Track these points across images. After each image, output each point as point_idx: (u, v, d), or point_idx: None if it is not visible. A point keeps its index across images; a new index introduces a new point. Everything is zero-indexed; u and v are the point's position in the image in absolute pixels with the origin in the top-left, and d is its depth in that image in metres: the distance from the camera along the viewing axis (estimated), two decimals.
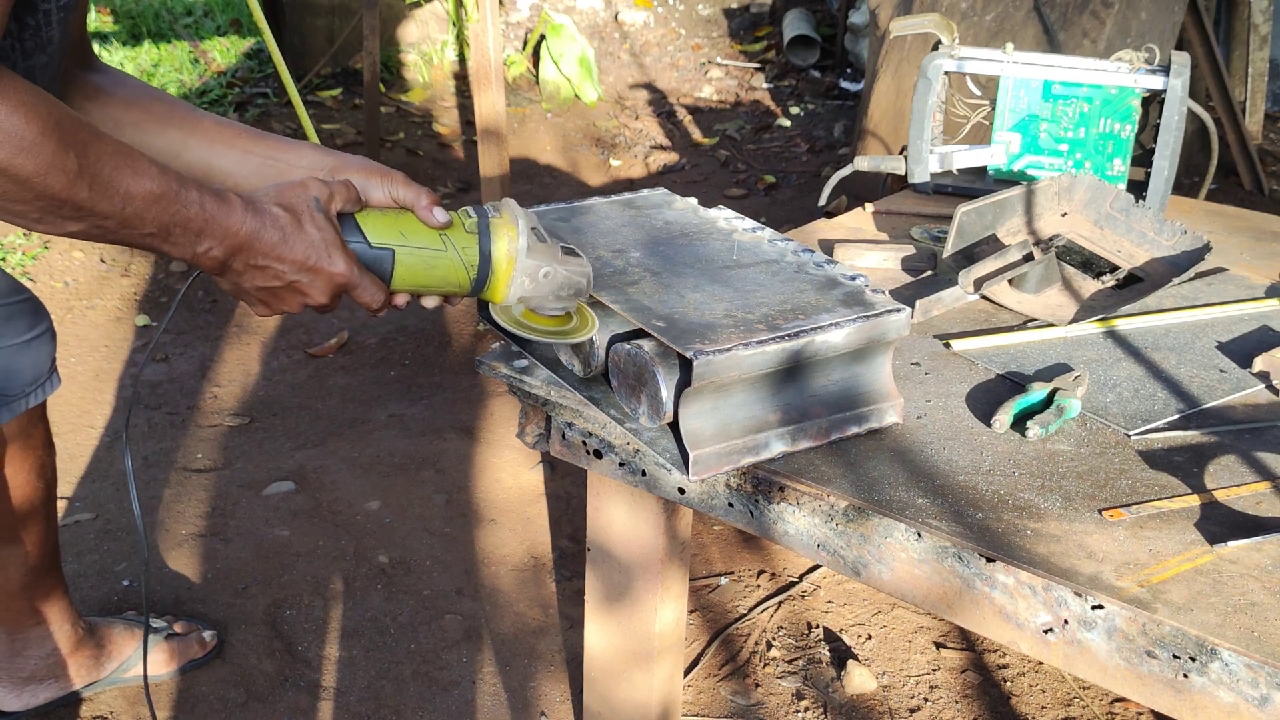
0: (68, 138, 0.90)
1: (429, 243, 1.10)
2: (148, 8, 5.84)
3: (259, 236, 1.02)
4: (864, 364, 1.21)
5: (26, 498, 1.68)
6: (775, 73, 5.74)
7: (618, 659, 1.56)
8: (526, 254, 1.11)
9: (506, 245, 1.10)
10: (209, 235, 1.00)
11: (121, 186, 0.94)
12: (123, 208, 0.95)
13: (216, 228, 1.00)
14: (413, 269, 1.10)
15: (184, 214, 0.98)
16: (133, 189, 0.95)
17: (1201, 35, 3.89)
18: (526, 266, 1.11)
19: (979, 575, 1.05)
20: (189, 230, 0.99)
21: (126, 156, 0.95)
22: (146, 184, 0.95)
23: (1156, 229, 1.68)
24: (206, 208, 0.99)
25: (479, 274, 1.11)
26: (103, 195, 0.93)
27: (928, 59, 1.95)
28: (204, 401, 2.86)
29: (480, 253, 1.10)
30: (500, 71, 3.31)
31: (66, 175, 0.90)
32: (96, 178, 0.93)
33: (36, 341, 1.59)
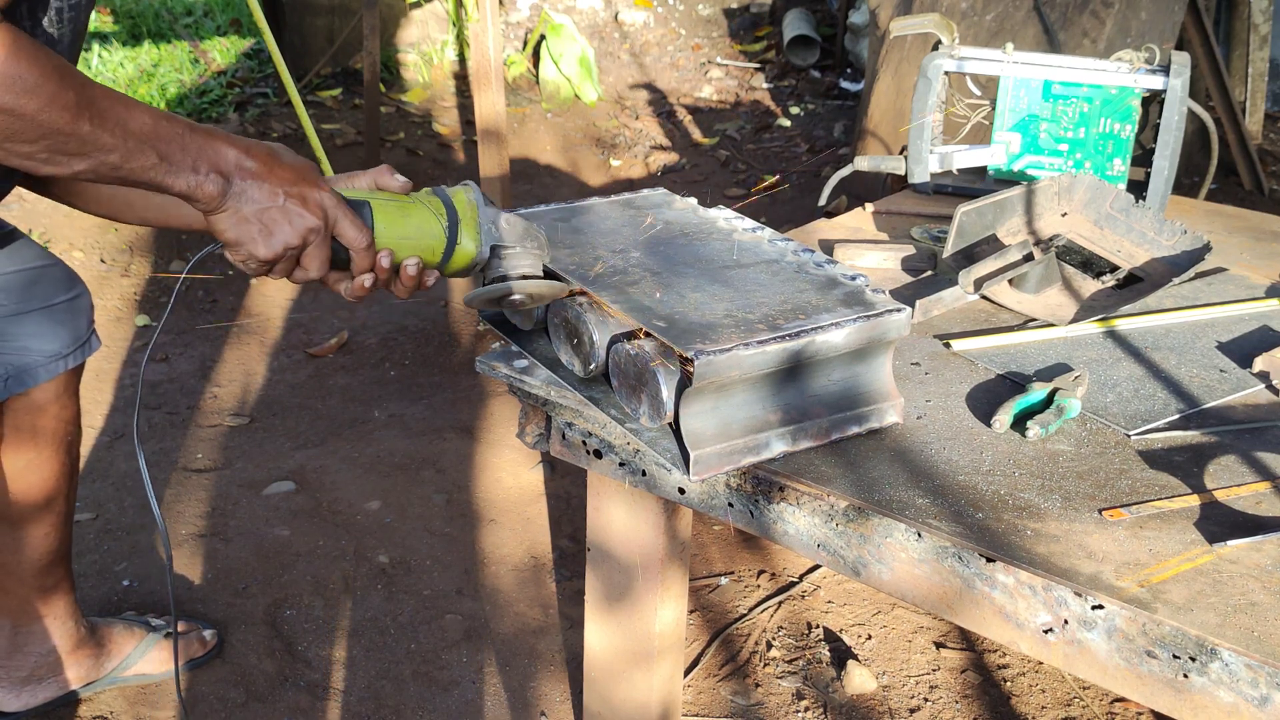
0: (66, 79, 0.99)
1: (398, 198, 1.20)
2: (148, 8, 5.84)
3: (250, 153, 1.10)
4: (864, 364, 1.21)
5: (53, 474, 1.69)
6: (775, 73, 5.74)
7: (618, 659, 1.56)
8: (484, 206, 1.21)
9: (466, 196, 1.21)
10: (204, 160, 1.08)
11: (119, 117, 1.02)
12: (124, 139, 1.03)
13: (210, 152, 1.08)
14: (389, 215, 1.18)
15: (181, 140, 1.06)
16: (130, 120, 1.03)
17: (1201, 35, 3.89)
18: (488, 214, 1.21)
19: (979, 575, 1.05)
20: (187, 155, 1.06)
21: (120, 96, 1.04)
22: (142, 115, 1.04)
23: (1156, 229, 1.68)
24: (198, 135, 1.08)
25: (449, 219, 1.19)
26: (103, 127, 1.01)
27: (928, 59, 1.95)
28: (204, 401, 2.86)
29: (443, 202, 1.20)
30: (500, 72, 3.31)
31: (68, 110, 0.98)
32: (95, 110, 1.00)
33: (72, 305, 1.62)
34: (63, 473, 1.71)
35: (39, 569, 1.74)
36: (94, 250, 3.51)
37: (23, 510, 1.68)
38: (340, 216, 1.13)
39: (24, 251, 1.57)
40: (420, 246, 1.18)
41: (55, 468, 1.69)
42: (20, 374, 1.58)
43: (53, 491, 1.71)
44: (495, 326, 1.41)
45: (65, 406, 1.68)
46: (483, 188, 3.63)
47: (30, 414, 1.62)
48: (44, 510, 1.70)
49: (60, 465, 1.70)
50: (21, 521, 1.68)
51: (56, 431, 1.68)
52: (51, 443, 1.67)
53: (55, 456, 1.69)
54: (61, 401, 1.67)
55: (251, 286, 3.48)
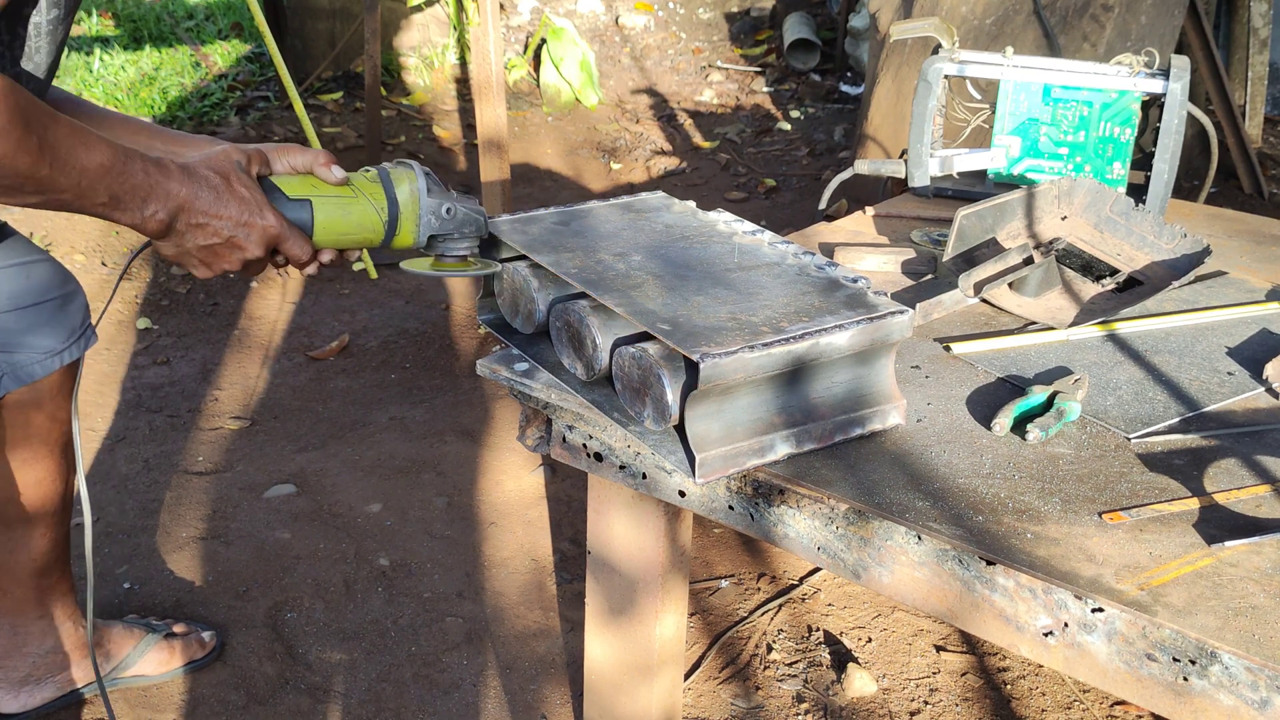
0: (32, 122, 1.01)
1: (340, 192, 1.23)
2: (149, 11, 5.85)
3: (197, 196, 1.14)
4: (867, 366, 1.21)
5: (48, 473, 1.68)
6: (775, 76, 5.75)
7: (618, 670, 1.56)
8: (428, 195, 1.24)
9: (409, 187, 1.24)
10: (154, 199, 1.12)
11: (78, 162, 1.05)
12: (79, 180, 1.06)
13: (160, 192, 1.12)
14: (330, 216, 1.22)
15: (131, 182, 1.09)
16: (87, 163, 1.06)
17: (1201, 39, 3.89)
18: (430, 205, 1.24)
19: (979, 578, 1.06)
20: (136, 196, 1.11)
21: (80, 134, 1.06)
22: (98, 158, 1.07)
23: (1156, 232, 1.68)
24: (150, 175, 1.11)
25: (389, 215, 1.23)
26: (62, 171, 1.05)
27: (928, 62, 1.95)
28: (205, 404, 2.86)
29: (387, 196, 1.23)
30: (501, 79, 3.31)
31: (30, 155, 1.02)
32: (56, 155, 1.04)
33: (65, 300, 1.62)
34: (58, 473, 1.71)
35: (36, 569, 1.74)
36: (95, 254, 3.51)
37: (17, 510, 1.67)
38: (284, 238, 1.20)
39: (14, 246, 1.57)
40: (360, 240, 1.25)
41: (50, 467, 1.69)
42: (14, 370, 1.57)
43: (48, 492, 1.70)
44: (496, 330, 1.41)
45: (60, 406, 1.67)
46: (483, 193, 3.63)
47: (24, 411, 1.62)
48: (39, 510, 1.70)
49: (55, 465, 1.70)
50: (16, 521, 1.68)
51: (51, 431, 1.67)
52: (46, 442, 1.67)
53: (50, 456, 1.68)
54: (57, 400, 1.66)
55: (252, 290, 3.49)
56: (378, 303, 3.43)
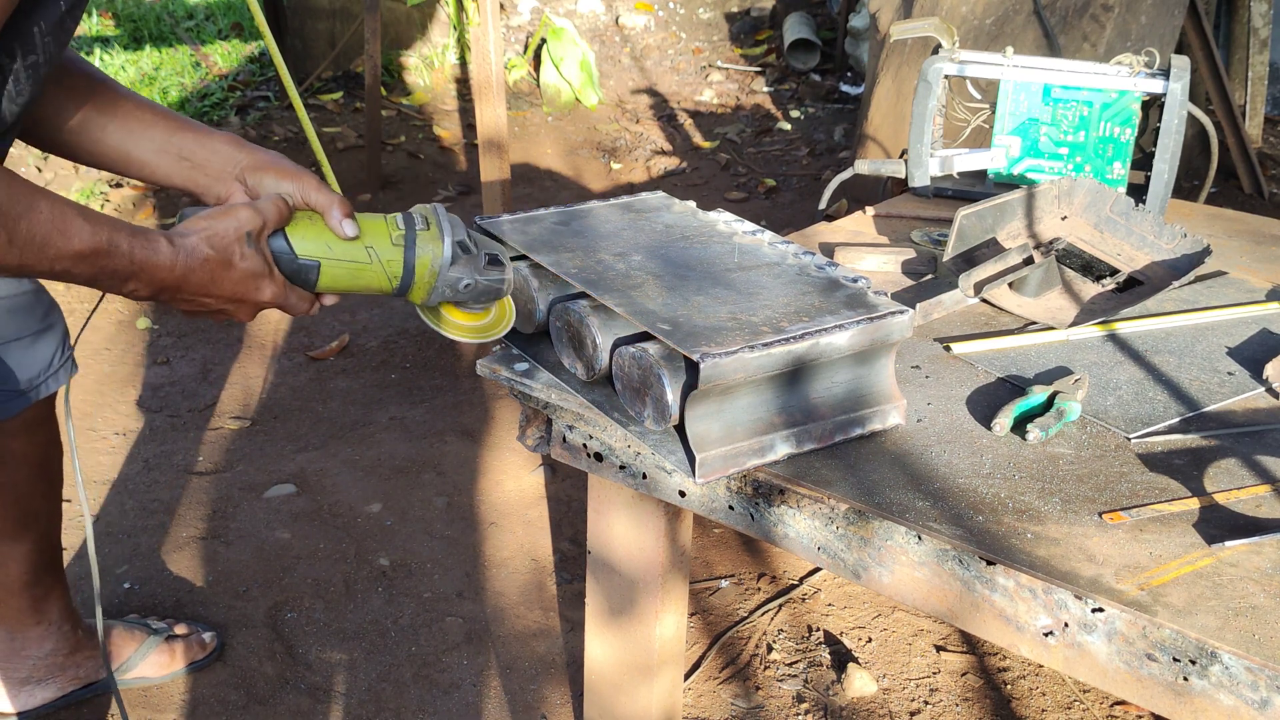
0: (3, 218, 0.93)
1: (354, 255, 1.13)
2: (149, 11, 5.85)
3: (187, 280, 1.05)
4: (867, 366, 1.21)
5: (32, 494, 1.68)
6: (776, 76, 5.75)
7: (618, 670, 1.56)
8: (449, 268, 1.15)
9: (430, 261, 1.15)
10: (136, 279, 1.03)
11: (51, 250, 0.97)
12: (51, 266, 0.98)
13: (143, 274, 1.03)
14: (337, 278, 1.14)
15: (111, 265, 1.01)
16: (63, 251, 0.97)
17: (1201, 39, 3.89)
18: (448, 278, 1.16)
19: (979, 578, 1.06)
20: (116, 277, 1.02)
21: (59, 220, 0.97)
22: (76, 245, 0.98)
23: (1156, 232, 1.68)
24: (135, 258, 1.02)
25: (401, 283, 1.15)
26: (33, 258, 0.96)
27: (928, 62, 1.95)
28: (205, 404, 2.86)
29: (404, 265, 1.14)
30: (502, 81, 3.30)
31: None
32: (28, 246, 0.95)
33: (44, 335, 1.60)
34: (40, 492, 1.70)
35: (27, 580, 1.74)
36: None
37: (2, 528, 1.67)
38: (281, 303, 1.12)
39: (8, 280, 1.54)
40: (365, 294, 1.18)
41: (32, 489, 1.68)
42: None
43: (31, 511, 1.70)
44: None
45: (37, 432, 1.66)
46: (484, 193, 3.63)
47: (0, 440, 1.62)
48: (23, 529, 1.69)
49: (36, 486, 1.69)
50: (2, 538, 1.68)
51: (30, 456, 1.66)
52: (24, 466, 1.66)
53: (30, 479, 1.67)
54: (31, 428, 1.64)
55: None
56: (378, 303, 3.43)
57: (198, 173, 1.19)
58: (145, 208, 3.96)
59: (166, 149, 1.19)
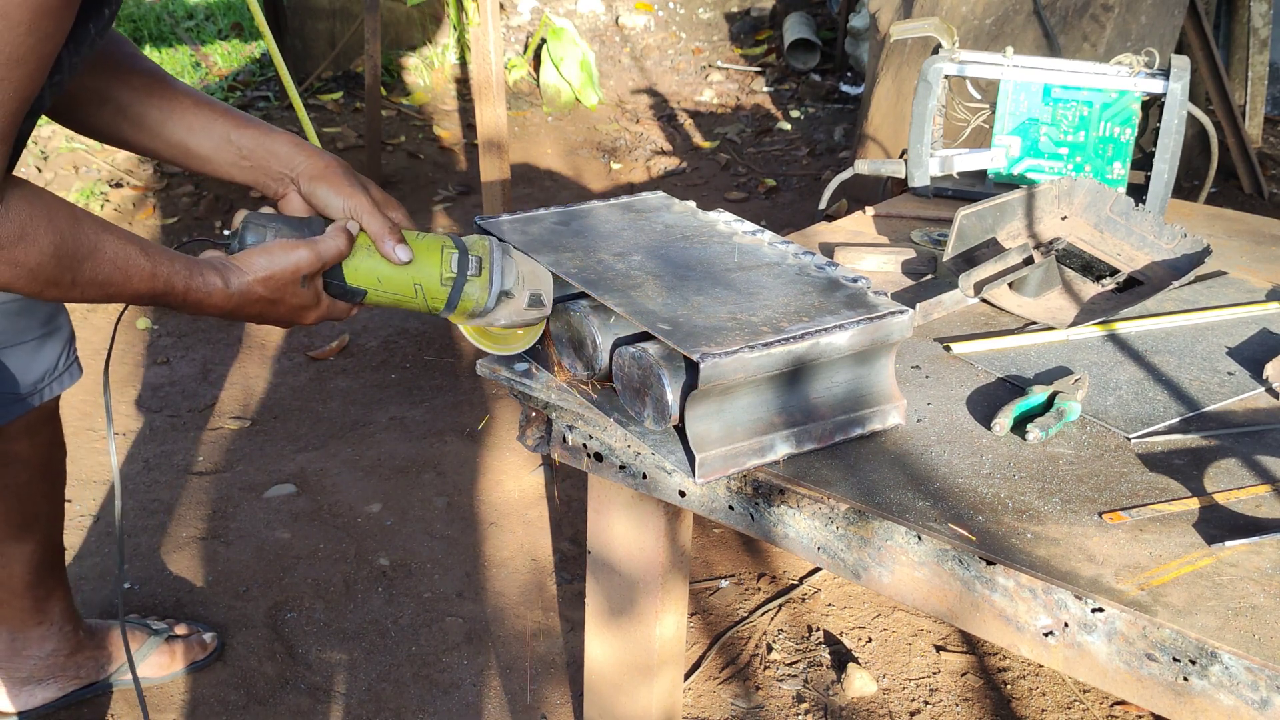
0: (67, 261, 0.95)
1: (402, 290, 1.16)
2: (149, 11, 5.85)
3: (236, 314, 1.09)
4: (867, 366, 1.21)
5: (34, 496, 1.68)
6: (775, 76, 5.75)
7: (618, 670, 1.56)
8: (493, 306, 1.19)
9: (473, 305, 1.19)
10: (187, 309, 1.07)
11: (111, 290, 1.00)
12: (107, 299, 1.01)
13: (195, 308, 1.06)
14: (380, 301, 1.18)
15: (166, 301, 1.04)
16: (121, 291, 1.00)
17: (1201, 39, 3.89)
18: (489, 316, 1.20)
19: (979, 578, 1.06)
20: (169, 307, 1.06)
21: (121, 261, 0.99)
22: (135, 286, 1.01)
23: (1156, 232, 1.68)
24: (190, 299, 1.05)
25: (445, 308, 1.19)
26: (92, 296, 1.00)
27: (928, 62, 1.95)
28: (205, 404, 2.86)
29: (448, 300, 1.18)
30: (502, 81, 3.30)
31: (60, 289, 0.96)
32: (89, 286, 0.98)
33: (50, 339, 1.60)
34: (42, 494, 1.70)
35: (28, 582, 1.74)
36: None
37: (4, 530, 1.67)
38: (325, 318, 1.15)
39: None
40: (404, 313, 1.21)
41: (35, 491, 1.68)
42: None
43: (34, 512, 1.70)
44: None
45: (40, 434, 1.66)
46: (484, 194, 3.63)
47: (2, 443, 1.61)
48: (26, 531, 1.69)
49: (39, 488, 1.69)
50: (4, 540, 1.68)
51: (32, 459, 1.66)
52: (27, 469, 1.66)
53: (33, 480, 1.68)
54: (35, 431, 1.65)
55: None
56: None
57: (257, 171, 1.20)
58: (145, 208, 3.96)
59: (225, 146, 1.20)
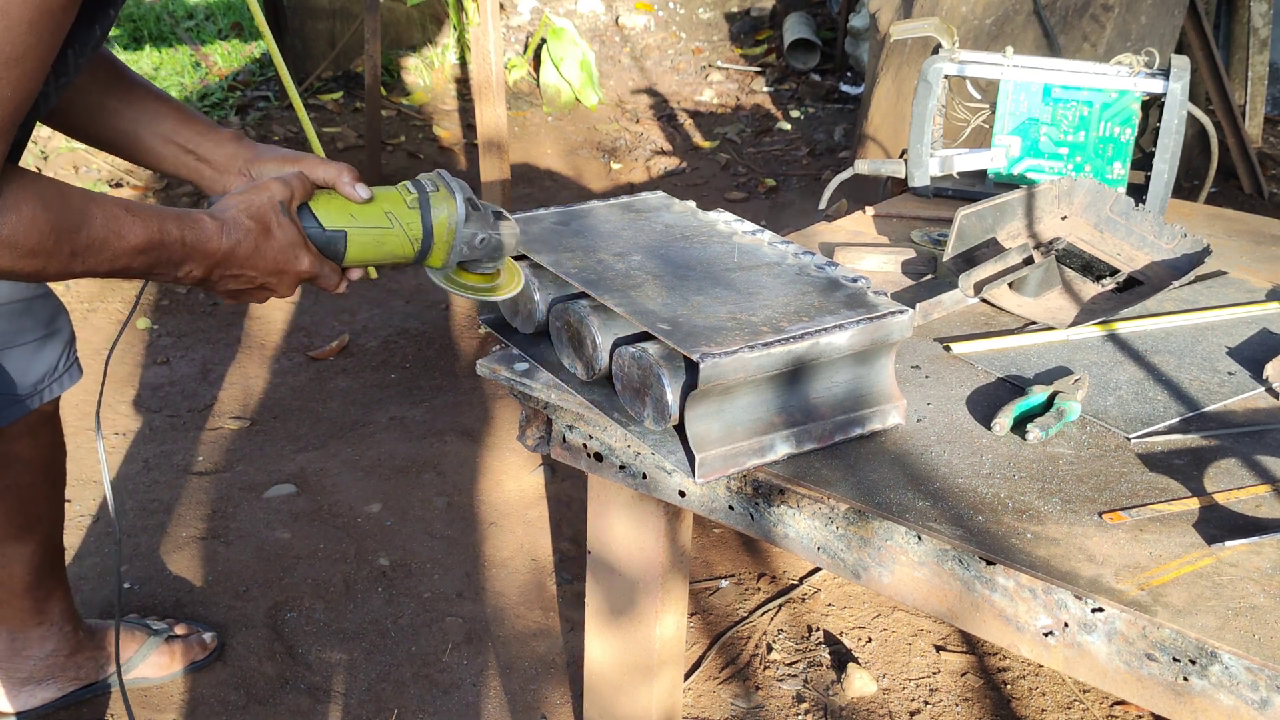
0: (63, 235, 0.96)
1: (377, 222, 1.19)
2: (149, 11, 5.85)
3: (234, 252, 1.09)
4: (867, 365, 1.21)
5: (34, 497, 1.68)
6: (775, 76, 5.75)
7: (618, 670, 1.56)
8: (464, 224, 1.20)
9: (446, 218, 1.20)
10: (189, 261, 1.07)
11: (110, 252, 1.00)
12: (111, 266, 1.02)
13: (195, 253, 1.07)
14: (363, 246, 1.18)
15: (166, 253, 1.05)
16: (121, 250, 1.01)
17: (1201, 39, 3.89)
18: (464, 235, 1.20)
19: (979, 578, 1.06)
20: (171, 263, 1.06)
21: (112, 223, 1.00)
22: (132, 241, 1.02)
23: (1156, 232, 1.68)
24: (186, 240, 1.06)
25: (423, 245, 1.20)
26: (94, 263, 1.00)
27: (928, 62, 1.95)
28: (205, 404, 2.86)
29: (423, 226, 1.19)
30: (501, 81, 3.30)
31: (60, 264, 0.98)
32: (88, 253, 0.99)
33: (50, 340, 1.60)
34: (43, 495, 1.70)
35: (29, 582, 1.74)
36: None
37: (6, 530, 1.67)
38: (316, 275, 1.16)
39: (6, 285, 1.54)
40: (388, 263, 1.23)
41: (36, 492, 1.68)
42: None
43: (35, 513, 1.70)
44: (496, 330, 1.41)
45: (41, 435, 1.66)
46: (483, 194, 3.64)
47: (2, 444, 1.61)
48: (26, 531, 1.69)
49: (40, 489, 1.69)
50: (6, 540, 1.68)
51: (33, 460, 1.66)
52: (28, 470, 1.66)
53: (34, 481, 1.67)
54: (36, 432, 1.65)
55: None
56: (378, 303, 3.43)
57: (203, 165, 1.23)
58: None
59: (173, 140, 1.23)
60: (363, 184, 1.18)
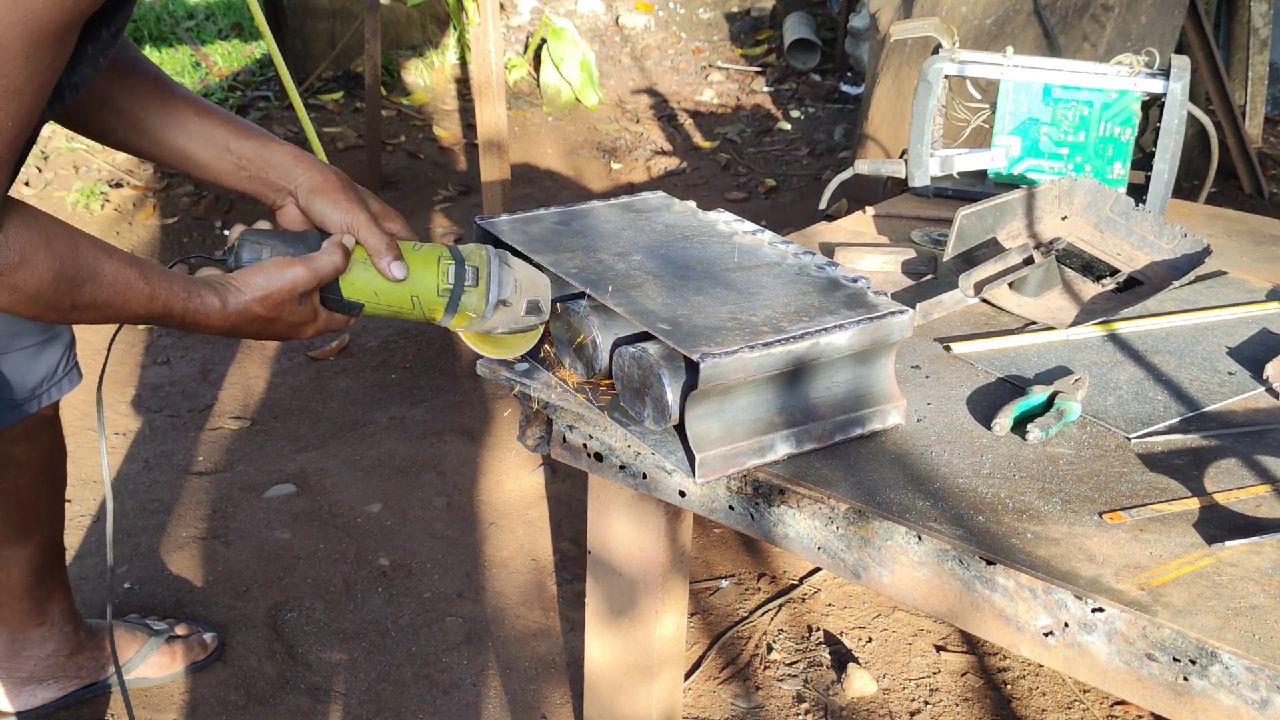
0: (65, 284, 0.96)
1: (398, 302, 1.16)
2: (149, 11, 5.85)
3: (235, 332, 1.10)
4: (867, 366, 1.21)
5: (34, 499, 1.68)
6: (776, 76, 5.75)
7: (618, 670, 1.56)
8: (490, 313, 1.20)
9: (471, 315, 1.19)
10: (185, 329, 1.08)
11: (109, 313, 1.01)
12: (106, 322, 1.03)
13: (195, 328, 1.08)
14: (377, 312, 1.18)
15: (164, 322, 1.05)
16: (119, 314, 1.02)
17: (1201, 39, 3.89)
18: (483, 320, 1.20)
19: (979, 578, 1.06)
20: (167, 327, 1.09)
21: (119, 285, 1.00)
22: (132, 309, 1.02)
23: (1156, 232, 1.68)
24: (189, 319, 1.06)
25: (443, 315, 1.19)
26: (91, 318, 1.00)
27: (928, 62, 1.95)
28: (205, 404, 2.86)
29: (445, 311, 1.18)
30: (502, 81, 3.30)
31: (58, 312, 0.97)
32: (87, 309, 0.99)
33: (49, 344, 1.60)
34: (43, 496, 1.70)
35: (29, 583, 1.74)
36: None
37: (6, 532, 1.67)
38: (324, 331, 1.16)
39: None
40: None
41: (36, 493, 1.68)
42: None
43: (35, 514, 1.70)
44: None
45: (40, 438, 1.66)
46: (484, 194, 3.63)
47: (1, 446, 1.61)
48: (26, 533, 1.69)
49: (40, 490, 1.68)
50: (5, 542, 1.68)
51: (32, 462, 1.66)
52: (28, 471, 1.66)
53: (34, 483, 1.67)
54: (35, 434, 1.64)
55: None
56: None
57: (255, 181, 1.21)
58: (145, 208, 3.96)
59: (225, 154, 1.21)
60: (400, 263, 1.14)
